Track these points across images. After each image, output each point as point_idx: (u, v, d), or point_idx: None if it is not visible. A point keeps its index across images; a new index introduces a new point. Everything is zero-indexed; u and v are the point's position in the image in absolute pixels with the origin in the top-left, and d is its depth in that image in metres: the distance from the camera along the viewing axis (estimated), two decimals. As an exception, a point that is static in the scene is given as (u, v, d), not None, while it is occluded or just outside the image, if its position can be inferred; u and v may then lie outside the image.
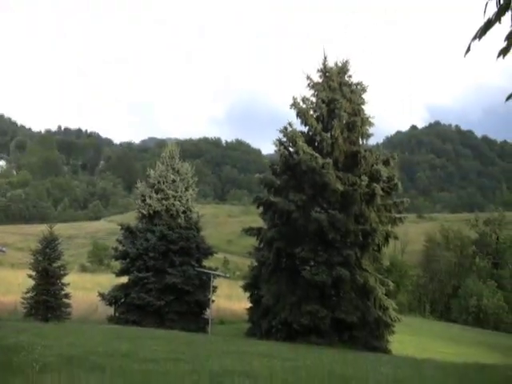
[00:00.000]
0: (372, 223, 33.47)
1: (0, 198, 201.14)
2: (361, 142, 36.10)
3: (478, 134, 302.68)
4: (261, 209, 35.84)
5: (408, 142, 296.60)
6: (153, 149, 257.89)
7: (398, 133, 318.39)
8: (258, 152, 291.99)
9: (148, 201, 39.29)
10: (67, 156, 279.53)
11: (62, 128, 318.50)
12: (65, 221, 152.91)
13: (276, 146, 35.58)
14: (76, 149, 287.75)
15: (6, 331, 20.39)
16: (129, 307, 35.63)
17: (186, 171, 41.14)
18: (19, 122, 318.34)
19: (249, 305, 35.81)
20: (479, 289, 71.10)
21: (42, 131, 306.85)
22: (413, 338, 40.38)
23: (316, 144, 35.06)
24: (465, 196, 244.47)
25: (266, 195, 35.56)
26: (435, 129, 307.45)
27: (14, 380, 12.75)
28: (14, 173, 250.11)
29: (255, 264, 36.06)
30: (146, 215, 39.34)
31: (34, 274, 32.74)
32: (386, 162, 35.21)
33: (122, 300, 36.30)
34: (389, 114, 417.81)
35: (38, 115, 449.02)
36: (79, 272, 64.32)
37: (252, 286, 35.38)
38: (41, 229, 40.07)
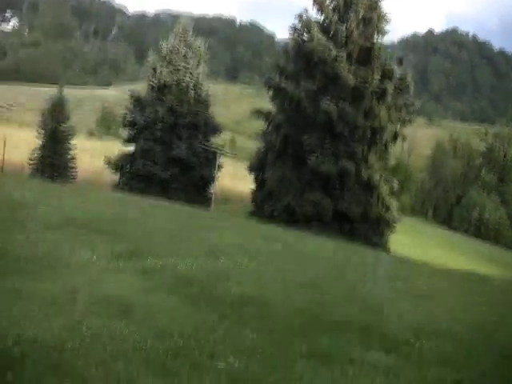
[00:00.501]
0: (381, 121, 33.27)
1: (13, 58, 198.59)
2: (376, 39, 35.37)
3: (495, 46, 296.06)
4: (271, 93, 35.49)
5: (424, 45, 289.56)
6: (166, 22, 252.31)
7: (415, 35, 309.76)
8: (272, 37, 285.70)
9: (159, 72, 38.79)
10: (80, 21, 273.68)
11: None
12: (74, 84, 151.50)
13: (290, 32, 34.91)
14: (89, 14, 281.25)
15: (12, 188, 20.53)
16: (134, 176, 35.88)
17: (198, 47, 40.44)
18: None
19: (253, 187, 36.06)
20: (482, 201, 71.46)
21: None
22: (414, 241, 40.83)
23: (330, 35, 34.38)
24: (476, 108, 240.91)
25: (276, 80, 35.11)
26: (452, 36, 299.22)
27: (17, 235, 12.93)
28: (26, 33, 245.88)
29: (262, 147, 36.04)
30: (155, 87, 38.96)
31: (42, 133, 32.77)
32: (399, 62, 34.76)
33: (128, 168, 36.49)
34: (406, 14, 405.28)
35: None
36: (86, 137, 64.26)
37: (257, 168, 35.50)
38: (51, 91, 39.73)
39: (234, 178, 43.69)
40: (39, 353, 6.67)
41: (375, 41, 35.28)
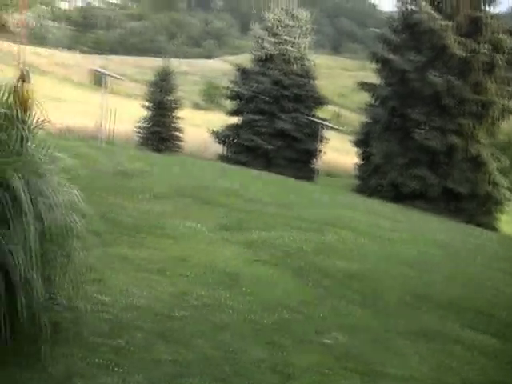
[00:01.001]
0: (490, 95, 32.04)
1: (119, 30, 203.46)
2: (484, 8, 34.01)
3: None
4: (376, 65, 34.84)
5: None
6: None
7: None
8: (375, 7, 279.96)
9: (263, 44, 38.71)
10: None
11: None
12: (179, 57, 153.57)
13: (397, 1, 34.14)
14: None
15: (122, 158, 21.09)
16: (238, 148, 36.09)
17: (302, 18, 40.05)
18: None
19: (358, 161, 35.65)
20: None
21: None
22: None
23: (437, 5, 33.26)
24: None
25: (382, 52, 34.38)
26: None
27: (127, 204, 13.27)
28: (131, 5, 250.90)
29: (367, 121, 35.52)
30: (260, 58, 38.87)
31: (148, 105, 33.45)
32: (510, 32, 33.10)
33: (232, 140, 36.76)
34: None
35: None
36: (191, 108, 65.21)
37: (362, 142, 35.01)
38: (156, 62, 40.39)
39: (339, 152, 43.22)
40: (148, 320, 6.83)
41: (484, 10, 33.93)
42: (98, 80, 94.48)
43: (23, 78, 6.03)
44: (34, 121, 6.15)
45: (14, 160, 5.61)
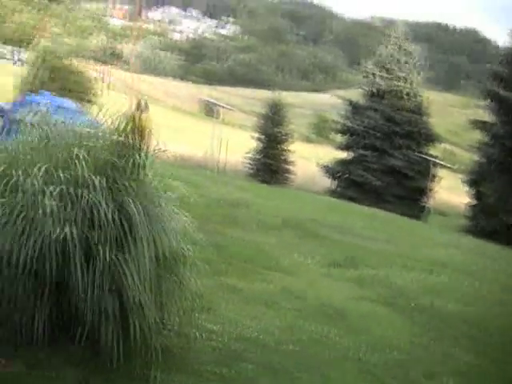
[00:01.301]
0: None
1: (229, 61, 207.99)
2: None
3: None
4: (489, 103, 33.84)
5: None
6: (380, 27, 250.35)
7: None
8: (490, 42, 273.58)
9: (374, 78, 38.51)
10: (294, 26, 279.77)
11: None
12: (286, 89, 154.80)
13: (510, 36, 33.21)
14: (302, 19, 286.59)
15: (231, 188, 21.38)
16: (347, 183, 35.89)
17: (415, 53, 39.64)
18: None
19: (469, 200, 34.52)
20: None
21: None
22: None
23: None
24: None
25: (496, 88, 33.32)
26: None
27: (236, 233, 13.38)
28: (241, 37, 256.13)
29: (480, 160, 34.45)
30: (370, 93, 38.68)
31: (259, 136, 33.82)
32: None
33: (341, 175, 36.61)
34: None
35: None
36: (300, 141, 65.53)
37: (475, 182, 33.91)
38: (265, 94, 40.86)
39: (450, 191, 42.18)
40: (255, 352, 6.80)
41: None
42: (208, 110, 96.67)
43: (141, 107, 6.22)
44: (151, 149, 6.31)
45: (131, 186, 5.76)
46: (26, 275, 5.43)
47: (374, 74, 38.87)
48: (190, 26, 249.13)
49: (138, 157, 5.84)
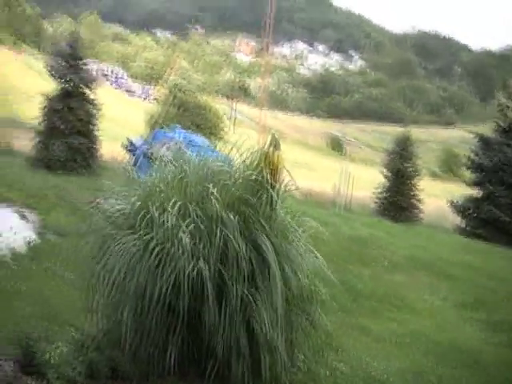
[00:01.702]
0: None
1: (356, 96, 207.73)
2: None
3: None
4: None
5: None
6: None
7: None
8: None
9: (507, 112, 37.14)
10: (422, 59, 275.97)
11: (418, 30, 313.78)
12: (414, 123, 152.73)
13: None
14: (431, 52, 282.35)
15: (359, 225, 21.19)
16: (478, 221, 34.60)
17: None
18: (375, 21, 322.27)
19: None
20: None
21: (398, 32, 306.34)
22: None
23: None
24: None
25: None
26: None
27: (365, 271, 13.20)
28: (369, 71, 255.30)
29: None
30: (503, 128, 37.31)
31: (387, 173, 33.34)
32: None
33: (472, 212, 35.36)
34: None
35: (394, 15, 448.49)
36: (428, 177, 64.19)
37: None
38: (393, 129, 40.33)
39: None
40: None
41: None
42: (334, 145, 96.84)
43: (273, 144, 6.25)
44: (283, 186, 6.32)
45: (263, 223, 5.78)
46: (160, 308, 5.55)
47: (506, 107, 37.52)
48: (317, 60, 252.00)
49: (270, 194, 5.87)
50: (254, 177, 5.97)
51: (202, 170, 6.33)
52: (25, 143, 25.20)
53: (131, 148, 18.70)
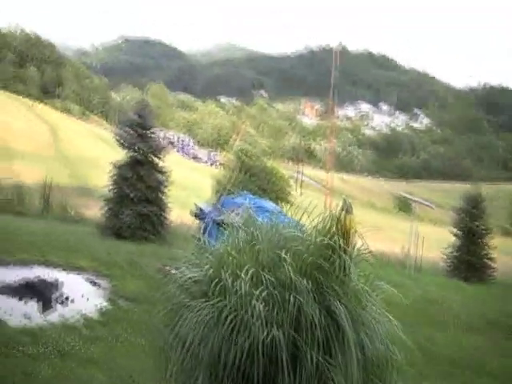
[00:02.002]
0: None
1: (423, 155, 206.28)
2: None
3: None
4: None
5: None
6: None
7: None
8: None
9: None
10: (488, 113, 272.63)
11: (483, 84, 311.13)
12: (484, 180, 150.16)
13: None
14: (497, 106, 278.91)
15: (431, 286, 20.86)
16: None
17: None
18: (439, 78, 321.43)
19: None
20: None
21: (463, 87, 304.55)
22: None
23: None
24: None
25: None
26: None
27: (438, 334, 12.88)
28: (435, 129, 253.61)
29: None
30: None
31: (457, 232, 32.74)
32: None
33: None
34: None
35: (458, 71, 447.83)
36: (499, 235, 62.73)
37: None
38: (461, 187, 39.73)
39: None
40: None
41: None
42: (402, 205, 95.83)
43: (345, 208, 6.23)
44: (355, 250, 6.27)
45: (337, 289, 5.73)
46: (235, 375, 5.52)
47: None
48: (383, 120, 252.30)
49: (343, 258, 5.83)
50: (326, 242, 5.94)
51: (274, 236, 6.34)
52: (94, 211, 25.84)
53: (200, 214, 18.91)
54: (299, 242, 6.15)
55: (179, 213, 25.15)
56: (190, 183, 53.18)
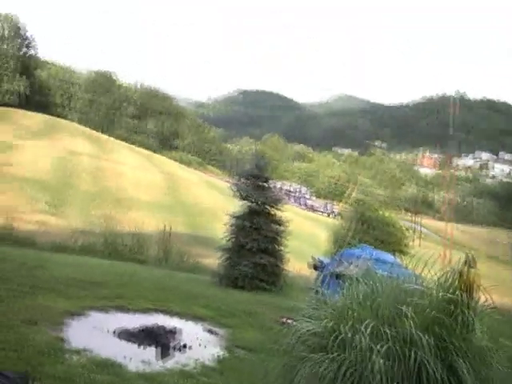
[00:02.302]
0: None
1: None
2: None
3: None
4: None
5: None
6: None
7: None
8: None
9: None
10: None
11: None
12: None
13: None
14: None
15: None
16: None
17: None
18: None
19: None
20: None
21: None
22: None
23: None
24: None
25: None
26: None
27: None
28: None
29: None
30: None
31: None
32: None
33: None
34: None
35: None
36: None
37: None
38: None
39: None
40: None
41: None
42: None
43: (469, 262, 6.06)
44: (479, 305, 6.08)
45: (460, 345, 5.56)
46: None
47: None
48: (503, 169, 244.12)
49: (466, 314, 5.66)
50: (448, 296, 5.79)
51: (394, 290, 6.24)
52: (210, 260, 26.15)
53: (319, 266, 18.78)
54: (420, 296, 6.03)
55: (296, 264, 25.07)
56: (306, 234, 53.13)
